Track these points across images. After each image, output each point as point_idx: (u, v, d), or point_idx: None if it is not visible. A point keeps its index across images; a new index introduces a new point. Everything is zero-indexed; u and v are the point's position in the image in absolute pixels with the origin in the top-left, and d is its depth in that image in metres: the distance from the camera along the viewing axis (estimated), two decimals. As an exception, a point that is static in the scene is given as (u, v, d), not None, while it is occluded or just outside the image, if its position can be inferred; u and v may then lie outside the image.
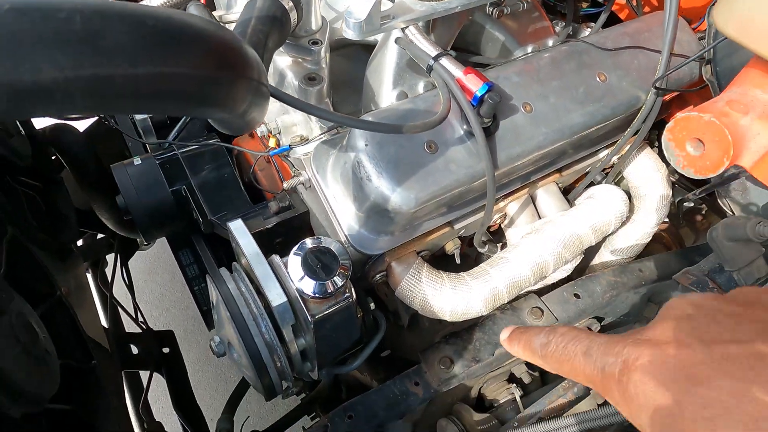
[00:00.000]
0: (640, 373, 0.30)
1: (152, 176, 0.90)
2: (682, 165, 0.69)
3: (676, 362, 0.29)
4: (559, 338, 0.37)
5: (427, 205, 0.72)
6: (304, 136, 0.85)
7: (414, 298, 0.84)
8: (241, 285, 0.76)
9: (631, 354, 0.31)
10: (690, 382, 0.27)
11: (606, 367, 0.32)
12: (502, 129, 0.74)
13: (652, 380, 0.29)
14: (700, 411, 0.26)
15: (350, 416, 0.88)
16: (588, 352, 0.34)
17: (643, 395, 0.29)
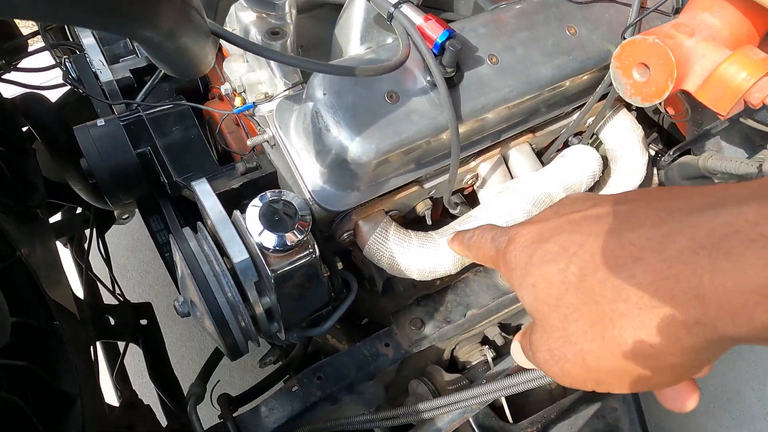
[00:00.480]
0: (515, 243, 0.37)
1: (116, 137, 0.88)
2: (629, 93, 0.69)
3: (537, 229, 0.36)
4: (480, 230, 0.43)
5: (389, 157, 0.70)
6: (269, 93, 0.83)
7: (382, 257, 0.83)
8: (204, 244, 0.75)
9: (514, 231, 0.38)
10: (541, 241, 0.35)
11: (499, 245, 0.39)
12: (467, 80, 0.73)
13: (520, 245, 0.37)
14: (541, 256, 0.34)
15: (319, 377, 0.88)
16: (493, 237, 0.40)
17: (513, 259, 0.37)
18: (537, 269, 0.34)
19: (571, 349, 0.33)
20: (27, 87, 1.30)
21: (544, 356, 0.34)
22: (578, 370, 0.33)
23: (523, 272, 0.35)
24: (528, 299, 0.35)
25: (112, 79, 0.99)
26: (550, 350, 0.34)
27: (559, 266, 0.33)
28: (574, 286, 0.32)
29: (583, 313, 0.32)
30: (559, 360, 0.33)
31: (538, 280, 0.34)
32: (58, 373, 0.72)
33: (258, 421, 0.85)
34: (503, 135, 0.89)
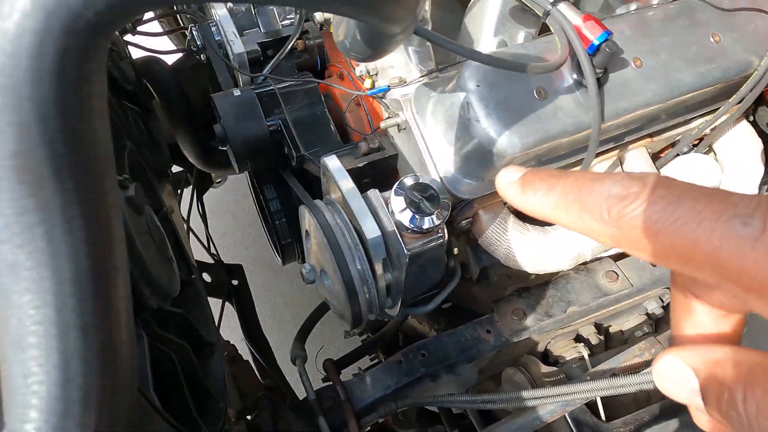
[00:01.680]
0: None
1: (251, 107, 0.93)
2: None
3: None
4: (660, 190, 0.22)
5: (529, 153, 0.72)
6: (403, 78, 0.86)
7: (498, 248, 0.86)
8: (336, 216, 0.79)
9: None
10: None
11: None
12: (611, 82, 0.74)
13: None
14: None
15: (423, 354, 0.92)
16: (743, 220, 0.19)
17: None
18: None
19: None
20: (148, 50, 1.37)
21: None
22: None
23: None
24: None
25: (243, 51, 1.04)
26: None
27: None
28: None
29: None
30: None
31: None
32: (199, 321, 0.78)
33: (364, 388, 0.90)
34: (626, 138, 0.89)
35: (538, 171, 0.28)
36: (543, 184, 0.26)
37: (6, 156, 0.24)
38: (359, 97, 1.01)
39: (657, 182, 0.22)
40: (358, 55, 0.55)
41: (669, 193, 0.21)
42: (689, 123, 0.99)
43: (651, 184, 0.22)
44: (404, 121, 0.84)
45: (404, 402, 0.89)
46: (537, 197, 0.26)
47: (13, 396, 0.26)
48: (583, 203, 0.24)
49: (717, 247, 0.19)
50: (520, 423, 0.84)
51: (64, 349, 0.26)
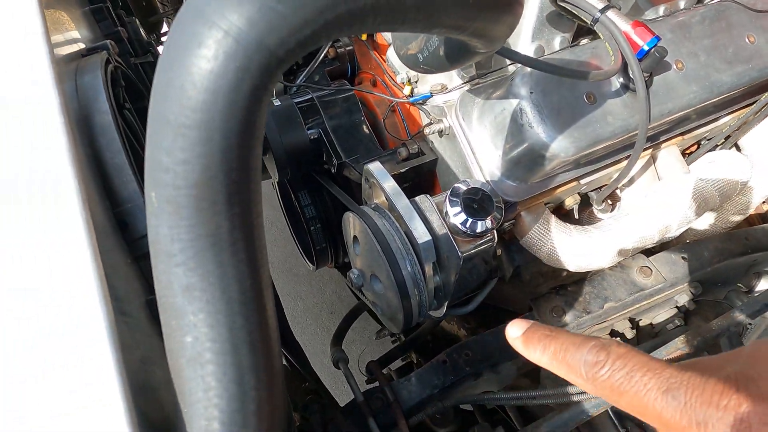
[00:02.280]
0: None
1: (292, 116, 0.94)
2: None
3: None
4: (619, 362, 0.29)
5: (579, 156, 0.74)
6: (444, 84, 0.88)
7: (541, 248, 0.88)
8: (386, 221, 0.81)
9: (741, 410, 0.25)
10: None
11: (708, 422, 0.26)
12: (656, 85, 0.76)
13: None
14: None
15: (467, 354, 0.94)
16: (672, 393, 0.28)
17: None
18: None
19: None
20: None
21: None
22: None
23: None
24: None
25: (277, 61, 1.06)
26: None
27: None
28: None
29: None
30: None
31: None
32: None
33: (410, 388, 0.92)
34: (662, 137, 0.92)
35: (535, 330, 0.36)
36: (539, 344, 0.35)
37: (190, 185, 0.26)
38: (396, 104, 1.02)
39: (617, 354, 0.31)
40: (431, 68, 0.56)
41: (626, 365, 0.30)
42: (717, 120, 1.01)
43: (614, 355, 0.31)
44: (448, 127, 0.86)
45: (449, 401, 0.91)
46: (536, 354, 0.36)
47: (195, 408, 0.27)
48: (569, 365, 0.33)
49: (659, 411, 0.28)
50: (566, 417, 0.86)
51: (238, 365, 0.27)
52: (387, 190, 0.81)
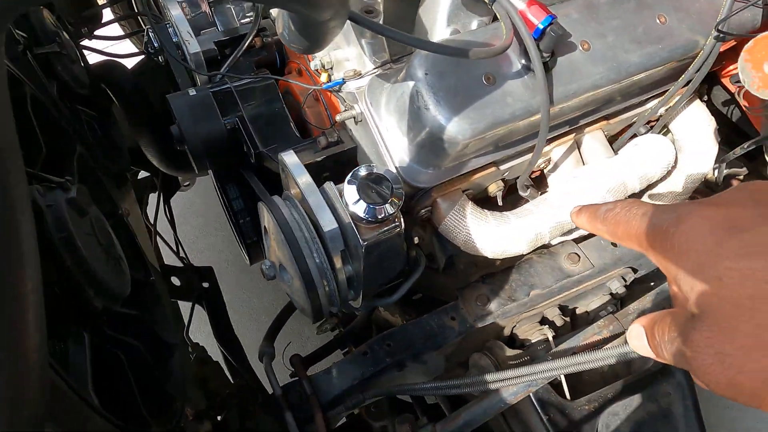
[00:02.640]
0: (689, 223, 0.32)
1: (207, 106, 0.92)
2: (756, 86, 0.69)
3: (726, 214, 0.31)
4: (625, 204, 0.39)
5: (480, 138, 0.73)
6: (357, 70, 0.86)
7: (458, 235, 0.86)
8: (294, 211, 0.79)
9: (687, 210, 0.33)
10: (735, 229, 0.30)
11: (659, 223, 0.34)
12: (560, 65, 0.74)
13: (698, 227, 0.31)
14: (737, 248, 0.29)
15: (389, 344, 0.92)
16: (646, 214, 0.36)
17: (686, 241, 0.31)
18: (729, 262, 0.29)
19: (757, 362, 0.28)
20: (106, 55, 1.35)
21: (706, 360, 0.30)
22: (757, 384, 0.28)
23: (704, 260, 0.30)
24: (704, 292, 0.30)
25: (199, 51, 1.03)
26: (722, 355, 0.29)
27: (765, 264, 0.28)
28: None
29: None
30: (729, 368, 0.29)
31: (729, 274, 0.29)
32: (157, 324, 0.78)
33: (330, 381, 0.90)
34: (581, 121, 0.91)
35: (585, 206, 0.44)
36: (580, 213, 0.44)
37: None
38: (318, 92, 1.00)
39: (625, 202, 0.39)
40: (297, 46, 0.54)
41: (630, 207, 0.38)
42: (644, 105, 1.01)
43: (621, 203, 0.40)
44: (360, 113, 0.84)
45: (371, 392, 0.89)
46: (580, 219, 0.44)
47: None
48: (596, 217, 0.42)
49: (637, 228, 0.36)
50: (485, 406, 0.85)
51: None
52: (296, 179, 0.79)
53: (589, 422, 0.94)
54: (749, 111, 0.99)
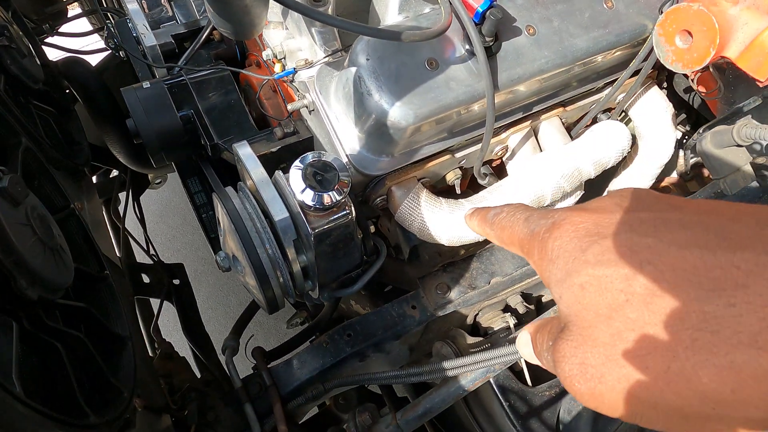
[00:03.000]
0: (561, 229, 0.32)
1: (161, 99, 0.92)
2: (671, 60, 0.70)
3: (594, 220, 0.31)
4: (510, 208, 0.39)
5: (426, 123, 0.73)
6: (309, 60, 0.86)
7: (413, 222, 0.86)
8: (246, 202, 0.79)
9: (561, 216, 0.33)
10: (599, 236, 0.30)
11: (536, 229, 0.34)
12: (504, 50, 0.75)
13: (568, 234, 0.32)
14: (597, 255, 0.29)
15: (349, 334, 0.92)
16: (528, 219, 0.36)
17: (557, 248, 0.32)
18: (591, 269, 0.29)
19: (613, 372, 0.28)
20: (69, 51, 1.34)
21: (572, 370, 0.30)
22: (614, 396, 0.28)
23: (570, 268, 0.30)
24: (569, 300, 0.30)
25: (155, 44, 1.03)
26: (584, 365, 0.29)
27: (622, 272, 0.28)
28: (639, 300, 0.27)
29: (646, 334, 0.27)
30: (591, 379, 0.29)
31: (590, 282, 0.29)
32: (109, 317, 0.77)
33: (290, 372, 0.90)
34: (535, 107, 0.91)
35: (477, 210, 0.44)
36: (472, 217, 0.44)
37: None
38: (275, 83, 1.00)
39: (511, 206, 0.39)
40: (224, 30, 0.54)
41: (514, 211, 0.38)
42: (601, 92, 1.01)
43: (508, 207, 0.40)
44: (311, 102, 0.84)
45: (332, 383, 0.89)
46: (472, 222, 0.43)
47: None
48: (484, 221, 0.41)
49: (519, 234, 0.36)
50: (444, 393, 0.85)
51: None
52: (248, 170, 0.79)
53: (550, 408, 0.94)
54: (705, 95, 1.00)
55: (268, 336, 1.83)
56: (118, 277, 0.89)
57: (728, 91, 0.91)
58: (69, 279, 0.62)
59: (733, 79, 0.90)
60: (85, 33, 1.47)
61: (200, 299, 1.98)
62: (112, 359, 0.72)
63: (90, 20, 1.68)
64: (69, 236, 0.78)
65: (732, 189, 0.67)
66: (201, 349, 1.19)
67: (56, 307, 0.63)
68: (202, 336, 1.26)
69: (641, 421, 0.28)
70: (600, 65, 0.87)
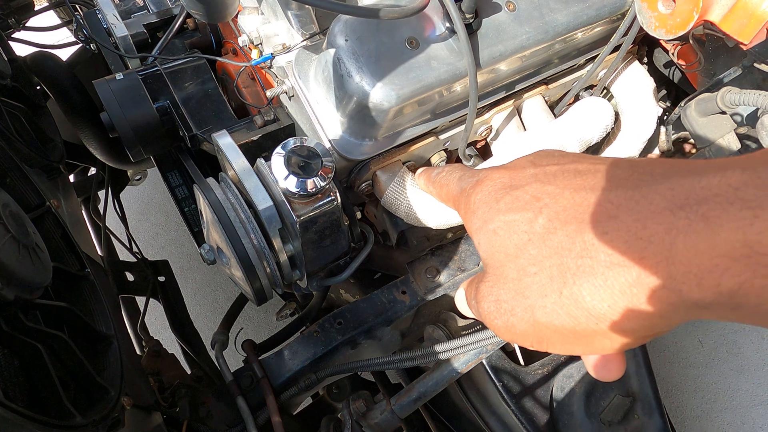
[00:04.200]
0: (483, 184, 0.36)
1: (135, 90, 0.89)
2: (653, 26, 0.69)
3: (510, 175, 0.35)
4: (449, 168, 0.42)
5: (408, 105, 0.72)
6: (287, 44, 0.84)
7: (399, 206, 0.85)
8: (228, 193, 0.77)
9: (484, 174, 0.37)
10: (512, 188, 0.34)
11: (464, 185, 0.38)
12: (485, 27, 0.74)
13: (488, 188, 0.35)
14: (509, 203, 0.33)
15: (339, 322, 0.92)
16: (461, 177, 0.39)
17: (478, 201, 0.35)
18: (502, 215, 0.33)
19: (521, 303, 0.32)
20: (37, 46, 1.30)
21: (489, 307, 0.33)
22: (523, 325, 0.32)
23: (486, 216, 0.34)
24: (485, 245, 0.34)
25: (127, 34, 1.00)
26: (498, 301, 0.33)
27: (526, 215, 0.32)
28: (539, 238, 0.31)
29: (544, 266, 0.30)
30: (504, 313, 0.32)
31: (501, 227, 0.33)
32: (93, 316, 0.75)
33: (282, 363, 0.89)
34: (517, 86, 0.90)
35: (424, 169, 0.47)
36: (419, 176, 0.46)
37: None
38: (253, 70, 0.98)
39: (451, 166, 0.42)
40: (196, 12, 0.52)
41: (452, 170, 0.42)
42: (583, 68, 1.01)
43: (448, 166, 0.43)
44: (291, 88, 0.82)
45: (324, 372, 0.88)
46: (419, 181, 0.46)
47: None
48: (431, 181, 0.44)
49: (451, 191, 0.40)
50: (437, 377, 0.85)
51: None
52: (230, 159, 0.77)
53: (543, 386, 0.95)
54: (685, 68, 1.00)
55: (259, 329, 1.82)
56: (100, 276, 0.87)
57: (708, 63, 0.91)
58: (47, 278, 0.60)
59: (713, 50, 0.90)
60: (53, 27, 1.42)
61: (188, 295, 1.96)
62: (98, 358, 0.70)
63: (58, 13, 1.62)
64: (46, 235, 0.76)
65: (717, 157, 0.67)
66: (190, 345, 1.17)
67: (36, 308, 0.61)
68: (191, 332, 1.24)
69: (547, 346, 0.32)
70: (581, 41, 0.87)
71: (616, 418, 0.93)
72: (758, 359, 1.87)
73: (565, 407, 0.95)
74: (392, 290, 0.95)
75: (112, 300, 0.86)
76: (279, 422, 0.80)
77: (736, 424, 1.78)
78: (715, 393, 1.82)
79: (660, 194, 0.27)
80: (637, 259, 0.27)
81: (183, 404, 0.85)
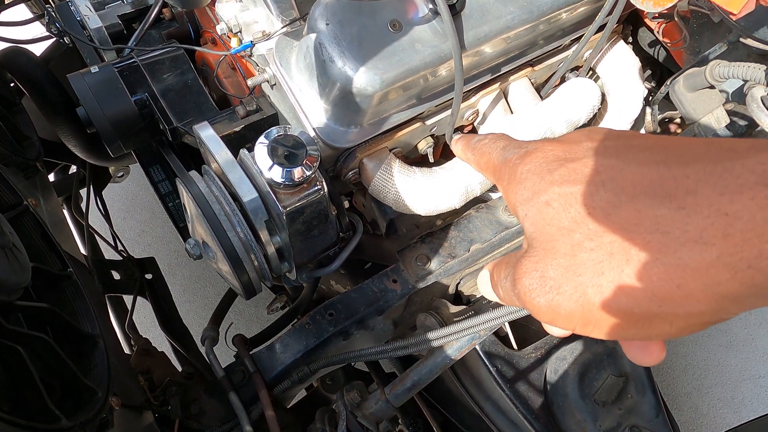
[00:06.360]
0: (532, 156, 0.34)
1: (112, 83, 0.86)
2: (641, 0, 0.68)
3: (563, 148, 0.33)
4: (492, 136, 0.40)
5: (394, 89, 0.70)
6: (267, 31, 0.82)
7: (387, 194, 0.84)
8: (212, 186, 0.75)
9: (534, 145, 0.35)
10: (567, 160, 0.32)
11: (509, 156, 0.36)
12: (469, 8, 0.72)
13: (538, 159, 0.33)
14: (565, 175, 0.31)
15: (330, 313, 0.91)
16: (505, 147, 0.37)
17: (526, 171, 0.33)
18: (557, 187, 0.31)
19: (571, 281, 0.29)
20: (9, 42, 1.26)
21: (531, 284, 0.31)
22: (571, 305, 0.29)
23: (537, 188, 0.32)
24: (534, 218, 0.32)
25: (101, 26, 0.97)
26: (544, 278, 0.30)
27: (587, 188, 0.30)
28: (601, 212, 0.29)
29: (603, 242, 0.28)
30: (550, 290, 0.30)
31: (555, 199, 0.31)
32: (77, 316, 0.73)
33: (274, 357, 0.88)
34: (503, 68, 0.89)
35: (464, 136, 0.44)
36: (457, 142, 0.44)
37: None
38: (233, 59, 0.96)
39: (494, 135, 0.40)
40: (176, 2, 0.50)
41: (497, 139, 0.39)
42: (568, 49, 1.00)
43: (491, 135, 0.40)
44: (272, 76, 0.80)
45: (317, 364, 0.87)
46: (457, 147, 0.44)
47: None
48: (471, 147, 0.42)
49: (494, 161, 0.38)
50: (431, 364, 0.84)
51: None
52: (212, 151, 0.75)
53: (537, 369, 0.95)
54: (670, 46, 1.00)
55: (249, 324, 1.81)
56: (84, 275, 0.85)
57: (693, 40, 0.90)
58: (25, 279, 0.58)
59: (698, 27, 0.90)
60: (25, 21, 1.37)
61: (176, 292, 1.93)
62: (84, 359, 0.68)
63: (30, 7, 1.57)
64: (25, 234, 0.74)
65: (706, 133, 0.67)
66: (180, 342, 1.16)
67: (16, 309, 0.59)
68: (180, 329, 1.22)
69: (593, 329, 0.30)
70: (566, 20, 0.86)
71: (610, 397, 0.94)
72: (746, 335, 1.90)
73: (559, 389, 0.95)
74: (383, 279, 0.94)
75: (96, 299, 0.84)
76: (273, 416, 0.79)
77: (725, 399, 1.81)
78: (704, 369, 1.84)
79: (749, 169, 0.25)
80: (720, 236, 0.24)
81: (174, 402, 0.84)
